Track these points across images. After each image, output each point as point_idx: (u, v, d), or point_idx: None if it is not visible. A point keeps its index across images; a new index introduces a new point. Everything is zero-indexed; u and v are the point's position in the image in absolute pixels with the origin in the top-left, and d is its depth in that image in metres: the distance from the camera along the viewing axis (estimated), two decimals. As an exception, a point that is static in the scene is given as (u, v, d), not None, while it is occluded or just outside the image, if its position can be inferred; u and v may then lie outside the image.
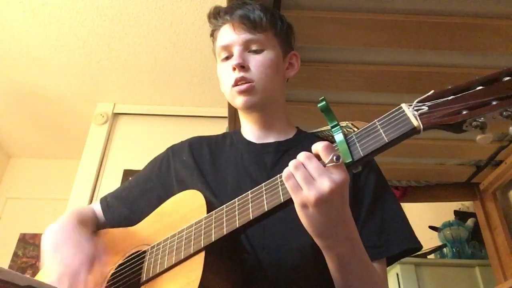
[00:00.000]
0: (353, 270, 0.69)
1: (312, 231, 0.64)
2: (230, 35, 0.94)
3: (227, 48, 0.94)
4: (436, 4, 1.35)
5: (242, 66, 0.90)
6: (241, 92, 0.90)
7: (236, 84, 0.90)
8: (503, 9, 1.34)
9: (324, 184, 0.59)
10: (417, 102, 0.61)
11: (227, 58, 0.94)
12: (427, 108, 0.59)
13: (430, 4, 1.35)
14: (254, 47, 0.93)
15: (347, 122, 0.78)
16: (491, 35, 1.40)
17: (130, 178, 1.06)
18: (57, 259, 0.78)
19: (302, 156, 0.63)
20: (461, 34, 1.41)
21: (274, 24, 0.97)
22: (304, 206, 0.61)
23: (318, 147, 0.63)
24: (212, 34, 1.01)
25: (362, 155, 0.61)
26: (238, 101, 0.92)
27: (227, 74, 0.93)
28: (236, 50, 0.92)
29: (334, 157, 0.60)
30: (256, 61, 0.92)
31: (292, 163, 0.62)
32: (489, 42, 1.42)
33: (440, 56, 1.54)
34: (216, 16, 0.98)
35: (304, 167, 0.61)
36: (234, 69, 0.90)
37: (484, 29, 1.38)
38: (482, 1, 1.33)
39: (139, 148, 2.96)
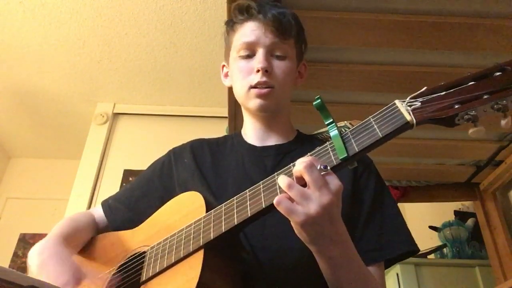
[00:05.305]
0: (345, 272, 0.69)
1: (302, 238, 0.65)
2: (258, 34, 0.92)
3: (250, 46, 0.92)
4: (436, 4, 1.35)
5: (267, 71, 0.90)
6: (261, 95, 0.90)
7: (256, 86, 0.90)
8: (503, 9, 1.34)
9: (311, 208, 0.60)
10: (410, 98, 0.62)
11: (248, 56, 0.93)
12: (420, 103, 0.61)
13: (430, 4, 1.35)
14: (278, 53, 0.93)
15: (345, 122, 0.78)
16: (491, 35, 1.40)
17: (131, 180, 1.06)
18: (43, 279, 0.76)
19: (283, 183, 0.63)
20: (461, 34, 1.41)
21: (297, 34, 0.97)
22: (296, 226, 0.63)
23: (298, 169, 0.62)
24: (232, 26, 0.98)
25: (357, 150, 0.62)
26: (254, 103, 0.91)
27: (246, 73, 0.92)
28: (261, 52, 0.91)
29: (322, 166, 0.62)
30: (279, 68, 0.92)
31: (280, 195, 0.63)
32: (489, 42, 1.42)
33: (440, 56, 1.54)
34: (244, 10, 0.95)
35: (293, 191, 0.62)
36: (257, 71, 0.90)
37: (484, 29, 1.38)
38: (482, 1, 1.33)
39: (139, 148, 2.96)
